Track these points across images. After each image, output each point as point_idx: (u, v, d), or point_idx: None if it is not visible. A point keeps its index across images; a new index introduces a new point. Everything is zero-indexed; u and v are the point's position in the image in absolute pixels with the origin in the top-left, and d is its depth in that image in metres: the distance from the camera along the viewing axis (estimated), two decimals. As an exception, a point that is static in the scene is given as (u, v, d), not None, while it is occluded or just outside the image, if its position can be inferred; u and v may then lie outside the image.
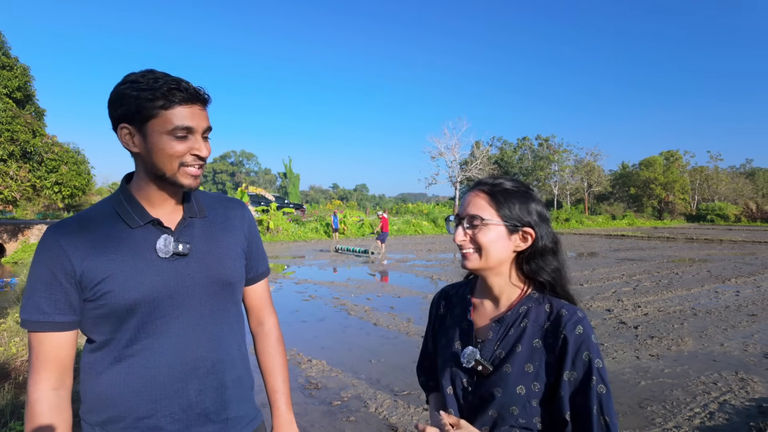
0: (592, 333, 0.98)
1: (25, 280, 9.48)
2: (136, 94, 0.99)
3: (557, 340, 0.97)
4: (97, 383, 1.06)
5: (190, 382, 1.09)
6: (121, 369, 1.05)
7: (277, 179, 68.37)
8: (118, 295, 1.01)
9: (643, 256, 15.26)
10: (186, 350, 1.08)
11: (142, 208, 1.08)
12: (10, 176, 18.54)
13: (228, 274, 1.16)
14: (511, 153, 56.08)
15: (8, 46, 20.06)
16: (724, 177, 54.08)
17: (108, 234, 1.05)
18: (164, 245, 1.06)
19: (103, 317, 1.03)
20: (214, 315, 1.14)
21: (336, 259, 15.21)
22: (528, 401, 0.98)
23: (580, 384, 0.95)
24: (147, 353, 1.05)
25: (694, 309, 7.34)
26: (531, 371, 0.99)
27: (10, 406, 3.43)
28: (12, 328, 6.34)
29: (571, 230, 32.93)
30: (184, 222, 1.12)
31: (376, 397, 3.98)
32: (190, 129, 1.02)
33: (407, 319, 6.84)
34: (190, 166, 1.05)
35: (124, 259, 1.03)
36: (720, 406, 3.76)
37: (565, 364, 0.96)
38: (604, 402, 0.94)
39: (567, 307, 1.01)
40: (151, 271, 1.04)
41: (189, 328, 1.09)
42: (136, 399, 1.05)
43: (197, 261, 1.11)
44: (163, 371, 1.06)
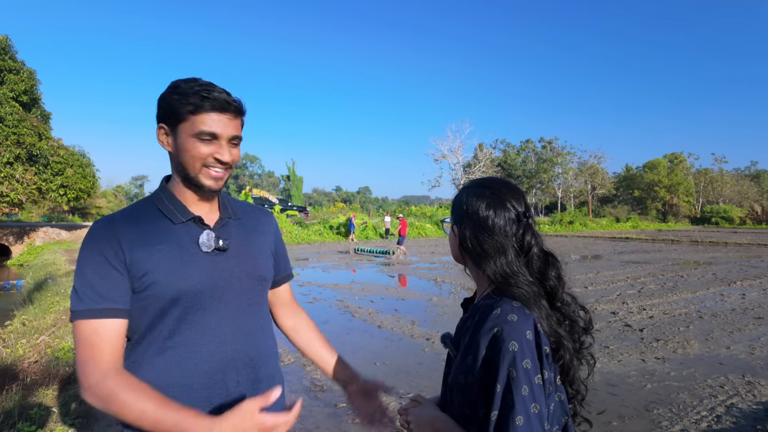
0: (513, 339, 0.90)
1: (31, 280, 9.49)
2: (173, 98, 1.08)
3: (481, 338, 0.95)
4: (139, 376, 1.06)
5: (229, 373, 1.13)
6: (164, 360, 1.08)
7: (281, 182, 68.56)
8: (164, 285, 1.06)
9: (648, 259, 15.20)
10: (225, 342, 1.13)
11: (183, 205, 1.15)
12: (16, 179, 18.66)
13: (262, 270, 1.24)
14: (515, 155, 56.03)
15: (15, 50, 20.21)
16: (728, 179, 53.85)
17: (153, 228, 1.10)
18: (207, 239, 1.13)
19: (147, 308, 1.07)
20: (250, 309, 1.20)
21: (340, 262, 15.22)
22: (467, 391, 0.97)
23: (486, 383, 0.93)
24: (189, 344, 1.09)
25: (700, 312, 7.31)
26: (469, 363, 0.97)
27: (17, 408, 3.45)
28: (18, 330, 6.37)
29: (574, 233, 32.84)
30: (221, 221, 1.19)
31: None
32: (215, 135, 1.09)
33: (411, 321, 6.84)
34: (212, 168, 1.11)
35: (169, 250, 1.08)
36: (727, 410, 3.74)
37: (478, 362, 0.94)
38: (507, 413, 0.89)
39: (504, 307, 0.96)
40: (195, 264, 1.10)
41: (228, 321, 1.14)
42: (177, 390, 1.07)
43: (235, 256, 1.17)
44: (204, 362, 1.10)
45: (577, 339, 1.04)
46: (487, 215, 1.04)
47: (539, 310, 0.97)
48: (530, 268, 1.03)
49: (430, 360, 5.08)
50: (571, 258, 16.25)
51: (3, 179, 18.19)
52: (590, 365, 1.08)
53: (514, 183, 1.13)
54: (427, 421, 1.05)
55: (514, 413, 0.85)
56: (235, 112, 1.12)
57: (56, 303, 7.94)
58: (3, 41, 19.34)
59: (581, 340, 1.06)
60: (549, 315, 0.99)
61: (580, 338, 1.06)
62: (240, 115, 1.14)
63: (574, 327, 1.04)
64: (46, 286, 10.63)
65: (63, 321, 6.43)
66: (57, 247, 19.53)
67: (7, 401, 3.57)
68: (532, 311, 0.96)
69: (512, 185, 1.10)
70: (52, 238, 21.95)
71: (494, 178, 1.12)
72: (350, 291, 9.51)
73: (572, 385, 1.03)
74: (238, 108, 1.12)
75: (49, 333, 5.81)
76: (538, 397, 0.87)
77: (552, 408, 0.94)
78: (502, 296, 1.00)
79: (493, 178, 1.13)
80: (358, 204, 72.52)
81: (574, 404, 1.05)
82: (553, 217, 40.84)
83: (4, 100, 18.58)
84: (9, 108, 18.56)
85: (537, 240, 1.04)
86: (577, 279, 10.81)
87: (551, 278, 1.02)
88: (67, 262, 14.61)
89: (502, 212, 1.04)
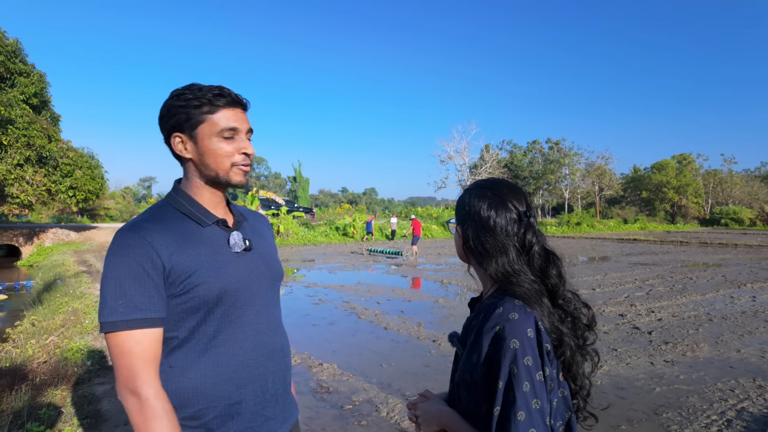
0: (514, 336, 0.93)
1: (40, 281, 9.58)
2: (184, 104, 1.09)
3: (484, 336, 0.98)
4: (184, 379, 1.07)
5: (268, 365, 1.19)
6: (211, 360, 1.09)
7: (287, 183, 68.78)
8: (208, 286, 1.08)
9: (656, 261, 15.07)
10: (262, 336, 1.18)
11: (206, 209, 1.17)
12: (26, 181, 18.86)
13: (279, 267, 1.31)
14: (521, 156, 55.79)
15: (25, 53, 20.44)
16: (738, 180, 53.26)
17: (185, 232, 1.12)
18: (237, 240, 1.17)
19: (190, 311, 1.07)
20: (275, 303, 1.27)
21: (346, 263, 15.23)
22: (473, 388, 1.00)
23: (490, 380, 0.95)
24: (233, 341, 1.12)
25: (710, 314, 7.23)
26: (474, 360, 1.00)
27: (27, 408, 3.47)
28: (28, 330, 6.43)
29: (582, 234, 32.64)
30: (239, 223, 1.24)
31: (388, 401, 3.97)
32: (235, 129, 1.12)
33: (418, 323, 6.82)
34: (241, 165, 1.15)
35: (207, 253, 1.11)
36: (738, 414, 3.69)
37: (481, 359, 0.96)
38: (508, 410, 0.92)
39: (506, 306, 0.98)
40: (231, 264, 1.14)
41: (261, 316, 1.19)
42: (227, 386, 1.10)
43: (259, 255, 1.23)
44: (249, 356, 1.14)
45: (579, 335, 1.07)
46: (488, 215, 1.06)
47: (540, 308, 0.99)
48: (532, 266, 1.05)
49: (436, 362, 5.07)
50: (578, 259, 16.15)
51: (13, 181, 18.39)
52: (594, 361, 1.10)
53: (515, 183, 1.15)
54: (435, 416, 1.09)
55: (516, 408, 0.88)
56: (245, 107, 1.17)
57: (65, 304, 8.00)
58: (14, 44, 19.56)
59: (584, 336, 1.08)
60: (551, 312, 1.01)
61: (583, 334, 1.08)
62: (247, 109, 1.19)
63: (576, 324, 1.07)
64: (55, 286, 10.73)
65: (71, 322, 6.48)
66: (66, 248, 19.72)
67: (16, 401, 3.60)
68: (534, 309, 0.98)
69: (513, 185, 1.13)
70: (61, 239, 22.16)
71: (496, 179, 1.15)
72: (356, 292, 9.51)
73: (575, 381, 1.05)
74: (245, 103, 1.18)
75: (58, 333, 5.86)
76: (539, 393, 0.90)
77: (555, 404, 0.97)
78: (505, 295, 1.02)
79: (495, 179, 1.16)
80: (364, 205, 72.58)
81: (578, 399, 1.07)
82: (560, 218, 40.61)
83: (15, 102, 18.79)
84: (19, 110, 18.76)
85: (538, 239, 1.06)
86: (584, 281, 10.74)
87: (552, 276, 1.04)
88: (76, 263, 14.74)
89: (504, 212, 1.06)
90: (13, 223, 26.23)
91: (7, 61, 18.96)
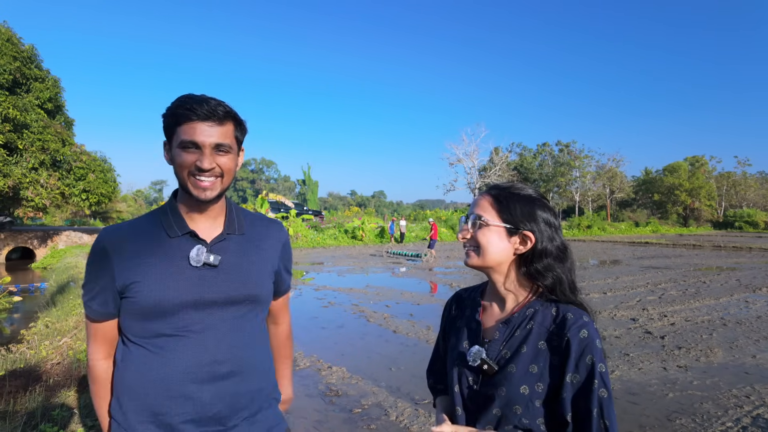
0: (597, 337, 0.99)
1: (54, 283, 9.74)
2: (166, 114, 1.15)
3: (561, 343, 1.00)
4: (124, 374, 1.18)
5: (207, 387, 1.15)
6: (143, 363, 1.15)
7: (297, 186, 69.11)
8: (146, 295, 1.12)
9: (669, 264, 14.88)
10: (203, 355, 1.15)
11: (182, 220, 1.19)
12: (40, 184, 19.16)
13: (253, 288, 1.23)
14: (531, 159, 55.51)
15: (40, 59, 20.80)
16: (752, 183, 52.45)
17: (149, 240, 1.17)
18: (196, 254, 1.16)
19: (132, 314, 1.15)
20: (235, 323, 1.20)
21: (355, 267, 15.24)
22: (531, 401, 1.00)
23: (582, 386, 0.96)
24: (166, 353, 1.14)
25: (724, 319, 7.12)
26: (535, 372, 1.01)
27: (41, 409, 3.52)
28: (42, 332, 6.52)
29: (593, 237, 32.34)
30: (221, 237, 1.21)
31: (397, 405, 3.96)
32: (196, 144, 1.11)
33: (427, 326, 6.80)
34: (198, 178, 1.13)
35: (156, 263, 1.14)
36: (753, 420, 3.63)
37: (568, 367, 0.98)
38: (605, 406, 0.95)
39: (573, 311, 1.03)
40: (180, 277, 1.14)
41: (209, 335, 1.16)
42: (152, 393, 1.14)
43: (225, 273, 1.19)
44: (178, 371, 1.13)
45: None
46: (553, 222, 1.09)
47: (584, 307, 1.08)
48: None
49: (445, 366, 5.04)
50: (589, 263, 16.00)
51: (28, 184, 18.69)
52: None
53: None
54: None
55: (612, 402, 0.96)
56: (221, 120, 1.12)
57: (78, 305, 8.10)
58: (29, 50, 19.93)
59: None
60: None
61: None
62: (226, 122, 1.13)
63: None
64: (68, 288, 10.88)
65: (84, 323, 6.56)
66: (79, 251, 19.97)
67: (30, 402, 3.65)
68: (585, 310, 1.06)
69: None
70: (74, 242, 22.46)
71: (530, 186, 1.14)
72: (365, 295, 9.51)
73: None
74: (223, 116, 1.12)
75: (71, 335, 5.93)
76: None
77: None
78: (552, 302, 1.06)
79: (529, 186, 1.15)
80: (373, 208, 72.65)
81: None
82: (570, 221, 40.27)
83: (30, 107, 19.13)
84: (35, 115, 19.10)
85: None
86: (595, 284, 10.64)
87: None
88: (89, 266, 14.90)
89: (556, 220, 1.10)
90: (27, 225, 26.67)
91: (23, 67, 19.31)
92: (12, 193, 18.71)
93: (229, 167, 1.15)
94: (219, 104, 1.12)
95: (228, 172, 1.15)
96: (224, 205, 1.25)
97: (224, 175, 1.15)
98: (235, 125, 1.17)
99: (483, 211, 1.08)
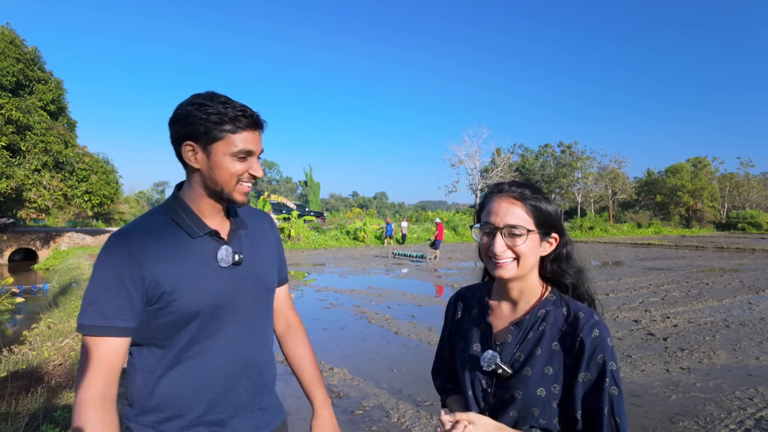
0: (608, 336, 1.00)
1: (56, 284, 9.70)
2: (206, 117, 1.08)
3: (575, 343, 1.01)
4: (156, 385, 1.11)
5: (240, 380, 1.18)
6: (181, 370, 1.11)
7: (298, 187, 69.17)
8: (185, 301, 1.08)
9: (671, 266, 14.84)
10: (239, 350, 1.17)
11: (199, 219, 1.16)
12: (43, 185, 19.22)
13: (270, 279, 1.28)
14: (533, 160, 55.47)
15: (43, 61, 20.88)
16: (755, 184, 52.32)
17: (172, 242, 1.11)
18: (225, 255, 1.16)
19: (168, 323, 1.09)
20: (261, 317, 1.25)
21: (357, 268, 15.23)
22: (548, 402, 1.01)
23: (594, 385, 0.98)
24: (205, 355, 1.13)
25: (727, 321, 7.09)
26: (550, 373, 1.01)
27: (42, 410, 3.52)
28: (44, 333, 6.54)
29: (595, 238, 32.26)
30: (233, 234, 1.21)
31: (398, 407, 3.95)
32: (250, 152, 1.13)
33: (428, 328, 6.79)
34: (245, 184, 1.15)
35: (190, 267, 1.11)
36: (756, 423, 3.61)
37: (580, 366, 0.99)
38: (615, 403, 0.96)
39: (584, 310, 1.04)
40: (214, 279, 1.13)
41: (242, 330, 1.18)
42: (196, 397, 1.12)
43: (247, 268, 1.21)
44: (220, 370, 1.14)
45: None
46: (562, 225, 1.11)
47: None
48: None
49: (447, 367, 5.03)
50: (591, 264, 15.96)
51: (31, 186, 18.74)
52: None
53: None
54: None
55: (622, 400, 0.98)
56: (262, 128, 1.16)
57: (80, 307, 8.12)
58: (32, 52, 20.01)
59: None
60: None
61: None
62: (264, 131, 1.18)
63: None
64: (70, 289, 10.90)
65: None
66: (81, 252, 20.02)
67: (32, 403, 3.66)
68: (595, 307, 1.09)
69: None
70: (76, 243, 22.51)
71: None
72: (367, 296, 9.50)
73: None
74: (262, 124, 1.16)
75: (73, 336, 5.94)
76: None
77: None
78: (563, 300, 1.08)
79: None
80: (375, 209, 72.67)
81: None
82: (573, 222, 40.20)
83: (33, 109, 19.20)
84: (37, 117, 19.17)
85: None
86: (598, 286, 10.61)
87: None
88: (91, 267, 14.95)
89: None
90: (30, 227, 26.74)
91: (26, 69, 19.38)
92: (15, 194, 18.77)
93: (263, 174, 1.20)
94: (255, 112, 1.15)
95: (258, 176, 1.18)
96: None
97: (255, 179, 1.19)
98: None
99: (520, 219, 1.03)
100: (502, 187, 1.08)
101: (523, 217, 1.03)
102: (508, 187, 1.07)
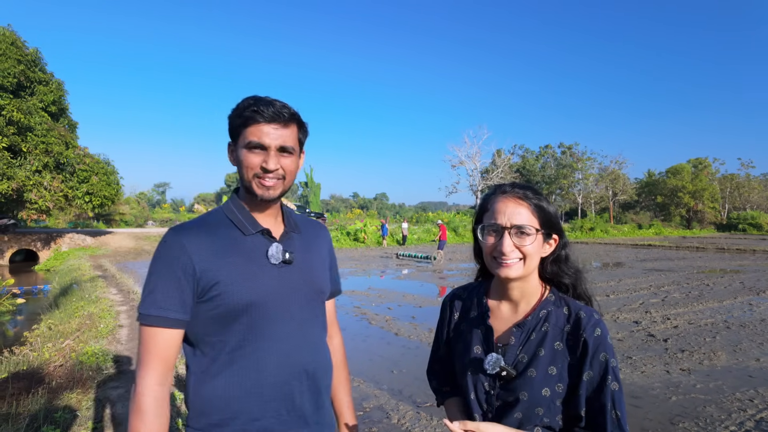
0: (608, 334, 1.04)
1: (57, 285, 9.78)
2: (232, 116, 1.16)
3: (578, 343, 1.03)
4: (210, 386, 1.10)
5: (295, 384, 1.16)
6: (235, 371, 1.10)
7: (299, 188, 69.24)
8: (234, 295, 1.09)
9: (672, 267, 14.83)
10: (291, 353, 1.15)
11: (252, 217, 1.18)
12: (44, 186, 19.25)
13: (321, 283, 1.28)
14: (533, 161, 55.48)
15: (44, 62, 20.92)
16: (756, 185, 52.30)
17: (224, 238, 1.14)
18: (276, 252, 1.16)
19: (216, 318, 1.10)
20: (313, 320, 1.23)
21: (357, 269, 15.24)
22: (552, 402, 1.03)
23: (597, 382, 1.01)
24: (258, 355, 1.12)
25: (727, 322, 7.09)
26: (554, 373, 1.03)
27: (43, 411, 3.52)
28: (45, 334, 6.54)
29: (595, 239, 32.25)
30: (286, 235, 1.23)
31: (399, 408, 3.95)
32: (262, 145, 1.12)
33: (429, 329, 6.79)
34: (261, 178, 1.14)
35: (239, 262, 1.12)
36: (756, 424, 3.61)
37: (584, 365, 1.01)
38: (616, 398, 1.00)
39: (584, 309, 1.06)
40: (264, 276, 1.14)
41: (293, 332, 1.17)
42: (249, 400, 1.10)
43: (299, 269, 1.21)
44: (273, 373, 1.13)
45: None
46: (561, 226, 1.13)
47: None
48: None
49: (447, 368, 5.03)
50: (591, 265, 15.96)
51: (32, 187, 18.77)
52: None
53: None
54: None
55: (622, 394, 1.00)
56: (286, 122, 1.14)
57: (81, 308, 8.12)
58: (33, 54, 20.05)
59: None
60: None
61: None
62: (291, 124, 1.16)
63: None
64: (71, 291, 10.91)
65: (87, 326, 6.58)
66: (82, 253, 20.03)
67: (33, 404, 3.66)
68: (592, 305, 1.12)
69: None
70: (77, 244, 22.52)
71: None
72: (367, 297, 9.50)
73: None
74: (288, 118, 1.15)
75: (73, 337, 5.94)
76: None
77: None
78: (563, 300, 1.09)
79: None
80: (375, 210, 72.67)
81: None
82: (573, 223, 40.19)
83: (34, 110, 19.23)
84: (38, 118, 19.21)
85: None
86: (598, 287, 10.60)
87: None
88: (92, 268, 14.97)
89: None
90: (31, 228, 26.76)
91: (27, 70, 19.42)
92: (16, 195, 18.80)
93: (291, 169, 1.17)
94: (284, 106, 1.14)
95: (290, 173, 1.16)
96: (279, 205, 1.26)
97: (286, 176, 1.16)
98: (299, 127, 1.19)
99: (527, 219, 1.04)
100: (504, 188, 1.09)
101: (529, 217, 1.05)
102: (510, 188, 1.08)
